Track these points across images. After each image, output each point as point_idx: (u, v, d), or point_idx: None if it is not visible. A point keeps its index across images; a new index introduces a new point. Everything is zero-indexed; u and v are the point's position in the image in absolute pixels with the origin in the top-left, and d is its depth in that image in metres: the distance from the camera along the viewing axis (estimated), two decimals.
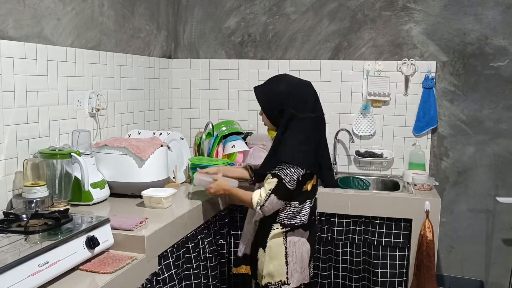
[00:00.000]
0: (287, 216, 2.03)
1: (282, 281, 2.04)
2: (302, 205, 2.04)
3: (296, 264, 2.05)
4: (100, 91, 2.61)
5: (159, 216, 2.06)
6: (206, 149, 3.01)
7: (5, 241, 1.51)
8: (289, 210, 2.02)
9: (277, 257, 2.04)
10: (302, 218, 2.04)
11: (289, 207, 2.02)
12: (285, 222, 2.03)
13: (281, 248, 2.04)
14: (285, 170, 1.93)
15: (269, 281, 2.06)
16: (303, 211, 2.04)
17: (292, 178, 1.93)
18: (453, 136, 3.12)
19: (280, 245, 2.04)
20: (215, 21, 3.41)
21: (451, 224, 3.15)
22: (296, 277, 2.05)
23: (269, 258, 2.05)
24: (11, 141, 2.03)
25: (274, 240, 2.05)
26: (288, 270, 2.03)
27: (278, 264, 2.04)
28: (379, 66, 3.15)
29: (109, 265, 1.64)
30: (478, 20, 2.99)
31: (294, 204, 2.02)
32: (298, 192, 2.00)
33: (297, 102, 1.99)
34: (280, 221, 2.03)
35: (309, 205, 2.06)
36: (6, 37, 2.00)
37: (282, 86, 2.04)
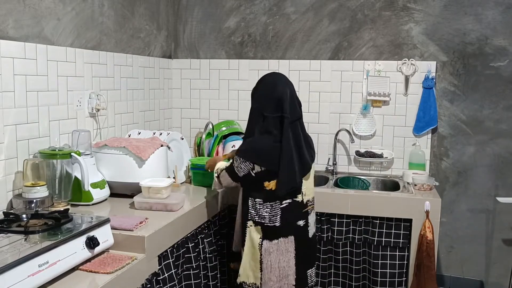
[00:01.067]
0: (256, 214, 2.06)
1: (256, 285, 2.07)
2: (270, 204, 2.03)
3: (271, 273, 2.04)
4: (100, 91, 2.61)
5: (159, 216, 2.06)
6: (206, 149, 3.01)
7: (5, 241, 1.51)
8: (254, 205, 2.06)
9: (254, 260, 2.08)
10: (271, 219, 2.04)
11: (254, 203, 2.06)
12: (256, 219, 2.07)
13: (256, 254, 2.07)
14: (238, 159, 2.04)
15: (244, 280, 2.10)
16: (273, 211, 2.04)
17: (240, 167, 2.03)
18: (453, 136, 3.12)
19: (256, 250, 2.07)
20: (215, 21, 3.41)
21: (451, 224, 3.15)
22: (270, 285, 2.05)
23: (247, 259, 2.09)
24: (11, 141, 2.03)
25: (252, 241, 2.08)
26: (262, 277, 2.06)
27: (254, 266, 2.07)
28: (379, 66, 3.15)
29: (109, 265, 1.64)
30: (478, 20, 2.99)
31: (258, 201, 2.05)
32: (259, 188, 2.04)
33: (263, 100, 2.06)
34: (251, 217, 2.08)
35: (279, 205, 2.03)
36: (6, 37, 2.00)
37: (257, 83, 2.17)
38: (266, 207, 2.04)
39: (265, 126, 2.01)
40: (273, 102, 2.02)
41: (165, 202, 2.15)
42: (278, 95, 2.02)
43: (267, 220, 2.04)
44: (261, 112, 2.03)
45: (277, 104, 2.01)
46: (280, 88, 2.04)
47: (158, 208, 2.15)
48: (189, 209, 2.22)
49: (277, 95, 2.02)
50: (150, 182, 2.20)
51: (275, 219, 2.03)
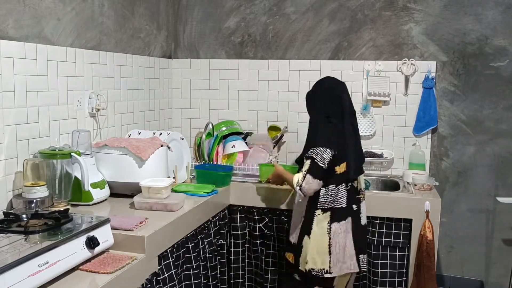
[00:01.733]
0: (326, 201, 2.18)
1: (325, 269, 2.15)
2: (338, 188, 2.18)
3: (339, 254, 2.16)
4: (100, 91, 2.61)
5: (159, 216, 2.06)
6: (206, 149, 3.01)
7: (5, 241, 1.51)
8: (327, 193, 2.18)
9: (321, 246, 2.16)
10: (339, 201, 2.19)
11: (326, 191, 2.18)
12: (325, 207, 2.18)
13: (325, 238, 2.17)
14: (315, 150, 2.14)
15: (312, 267, 2.17)
16: (339, 193, 2.19)
17: (322, 157, 2.12)
18: (453, 136, 3.12)
19: (324, 235, 2.16)
20: (215, 21, 3.41)
21: (451, 224, 3.15)
22: (338, 266, 2.16)
23: (314, 246, 2.16)
24: (11, 141, 2.03)
25: (319, 228, 2.17)
26: (331, 259, 2.15)
27: (322, 252, 2.15)
28: (379, 66, 3.15)
29: (109, 265, 1.64)
30: (478, 20, 2.99)
31: (331, 187, 2.18)
32: (331, 174, 2.16)
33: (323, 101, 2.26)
34: (320, 206, 2.19)
35: (345, 187, 2.20)
36: (6, 37, 2.00)
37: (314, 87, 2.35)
38: (336, 191, 2.19)
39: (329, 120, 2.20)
40: (333, 99, 2.23)
41: (165, 202, 2.15)
42: (337, 92, 2.25)
43: (336, 203, 2.18)
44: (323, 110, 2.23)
45: (337, 101, 2.23)
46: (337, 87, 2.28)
47: (158, 208, 2.15)
48: (189, 209, 2.22)
49: (336, 93, 2.25)
50: (150, 182, 2.20)
51: (342, 200, 2.19)
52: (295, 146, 3.30)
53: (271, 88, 3.34)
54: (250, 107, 3.39)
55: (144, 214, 2.09)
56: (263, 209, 2.74)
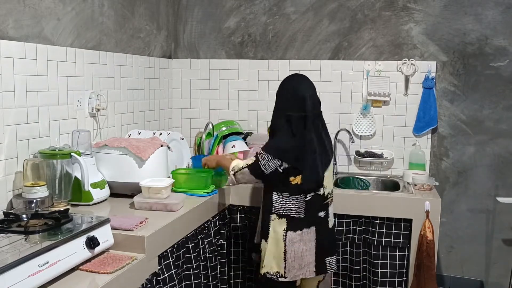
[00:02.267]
0: (281, 207, 2.14)
1: (280, 273, 2.14)
2: (296, 197, 2.13)
3: (294, 261, 2.13)
4: (100, 91, 2.61)
5: (159, 216, 2.06)
6: (206, 149, 3.01)
7: (5, 241, 1.51)
8: (281, 200, 2.14)
9: (277, 251, 2.14)
10: (297, 211, 2.13)
11: (280, 197, 2.14)
12: (280, 212, 2.14)
13: (280, 244, 2.14)
14: (264, 156, 2.11)
15: (267, 271, 2.16)
16: (298, 204, 2.13)
17: (267, 164, 2.09)
18: (453, 136, 3.12)
19: (280, 241, 2.14)
20: (215, 21, 3.41)
21: (451, 224, 3.15)
22: (293, 272, 2.14)
23: (270, 250, 2.15)
24: (11, 141, 2.03)
25: (275, 234, 2.15)
26: (285, 265, 2.13)
27: (277, 257, 2.14)
28: (379, 66, 3.15)
29: (109, 265, 1.64)
30: (478, 20, 2.99)
31: (285, 195, 2.13)
32: (285, 183, 2.12)
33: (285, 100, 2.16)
34: (275, 211, 2.15)
35: (303, 198, 2.13)
36: (6, 37, 2.00)
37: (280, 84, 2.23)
38: (292, 200, 2.13)
39: (289, 126, 2.11)
40: (296, 102, 2.12)
41: (165, 202, 2.15)
42: (300, 95, 2.13)
43: (293, 212, 2.13)
44: (285, 112, 2.12)
45: (299, 104, 2.12)
46: (302, 88, 2.16)
47: (158, 208, 2.15)
48: (189, 209, 2.22)
49: (299, 96, 2.13)
50: (150, 182, 2.20)
51: (300, 211, 2.14)
52: None
53: (271, 88, 3.34)
54: (250, 107, 3.39)
55: (144, 214, 2.09)
56: None
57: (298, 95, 2.13)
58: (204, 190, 2.48)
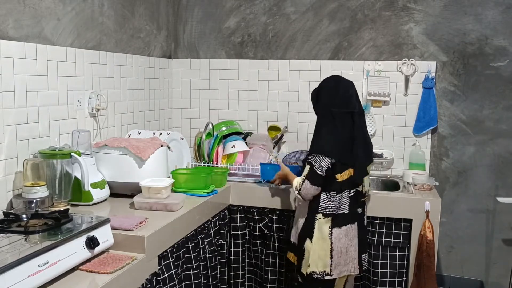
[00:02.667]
0: (328, 206, 2.19)
1: (326, 271, 2.17)
2: (340, 194, 2.19)
3: (340, 257, 2.18)
4: (100, 91, 2.61)
5: (159, 216, 2.06)
6: (206, 149, 3.01)
7: (5, 241, 1.51)
8: (329, 199, 2.19)
9: (323, 249, 2.19)
10: (341, 207, 2.20)
11: (328, 197, 2.19)
12: (327, 212, 2.19)
13: (327, 242, 2.18)
14: (315, 158, 2.15)
15: (313, 270, 2.18)
16: (342, 200, 2.20)
17: (320, 165, 2.13)
18: (453, 136, 3.11)
19: (326, 239, 2.19)
20: (215, 21, 3.41)
21: (451, 224, 3.15)
22: (339, 269, 2.20)
23: (316, 250, 2.18)
24: (11, 141, 2.03)
25: (321, 233, 2.18)
26: (332, 263, 2.17)
27: (323, 255, 2.17)
28: (379, 66, 3.15)
29: (109, 265, 1.64)
30: (478, 20, 2.99)
31: (332, 194, 2.18)
32: (332, 181, 2.17)
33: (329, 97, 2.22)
34: (322, 210, 2.20)
35: (348, 194, 2.20)
36: (6, 37, 2.00)
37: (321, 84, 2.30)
38: (338, 197, 2.19)
39: (335, 122, 2.17)
40: (341, 99, 2.20)
41: (165, 202, 2.15)
42: (345, 92, 2.22)
43: (338, 209, 2.19)
44: (329, 110, 2.18)
45: (345, 101, 2.20)
46: (345, 86, 2.25)
47: (158, 208, 2.15)
48: (189, 209, 2.22)
49: (344, 93, 2.22)
50: (150, 182, 2.20)
51: (345, 207, 2.20)
52: (295, 146, 3.29)
53: (271, 88, 3.34)
54: (250, 107, 3.39)
55: (144, 214, 2.09)
56: (263, 209, 2.74)
57: (344, 93, 2.21)
58: (204, 190, 2.48)
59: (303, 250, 2.22)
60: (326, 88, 2.27)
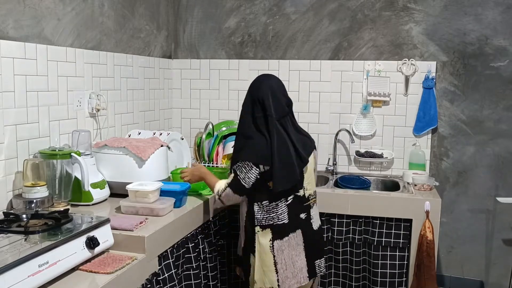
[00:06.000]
0: (264, 217, 2.07)
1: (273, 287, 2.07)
2: (276, 203, 2.06)
3: (286, 270, 2.07)
4: (100, 91, 2.61)
5: (159, 217, 2.06)
6: (206, 149, 3.01)
7: (5, 241, 1.51)
8: (262, 210, 2.07)
9: (267, 265, 2.07)
10: (280, 217, 2.07)
11: (261, 207, 2.07)
12: (263, 223, 2.07)
13: (269, 256, 2.07)
14: (241, 167, 2.02)
15: (260, 286, 2.09)
16: (279, 209, 2.06)
17: (247, 176, 2.01)
18: (453, 136, 3.12)
19: (268, 253, 2.07)
20: (215, 21, 3.41)
21: (451, 224, 3.15)
22: (287, 282, 2.07)
23: (259, 264, 2.08)
24: (11, 141, 2.03)
25: (262, 247, 2.08)
26: (278, 278, 2.06)
27: (268, 270, 2.07)
28: (379, 66, 3.15)
29: (109, 265, 1.64)
30: (478, 20, 2.99)
31: (264, 203, 2.06)
32: (264, 190, 2.04)
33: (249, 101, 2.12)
34: (258, 223, 2.08)
35: (284, 203, 2.06)
36: (6, 37, 2.00)
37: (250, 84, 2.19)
38: (272, 207, 2.06)
39: (257, 126, 2.06)
40: (258, 103, 2.08)
41: (152, 207, 2.06)
42: (260, 96, 2.08)
43: (276, 219, 2.07)
44: (249, 115, 2.09)
45: (261, 105, 2.07)
46: (263, 88, 2.10)
47: (145, 213, 2.06)
48: (189, 209, 2.22)
49: (259, 96, 2.08)
50: (137, 186, 2.12)
51: (283, 216, 2.07)
52: None
53: None
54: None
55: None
56: None
57: (259, 96, 2.07)
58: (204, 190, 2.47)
59: (249, 266, 2.13)
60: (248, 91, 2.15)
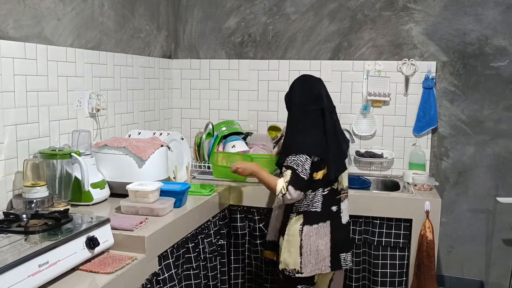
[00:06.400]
0: (302, 205, 2.18)
1: (296, 269, 2.16)
2: (314, 192, 2.17)
3: (310, 256, 2.16)
4: (100, 91, 2.61)
5: (159, 216, 2.06)
6: (206, 149, 3.01)
7: (5, 241, 1.51)
8: (303, 198, 2.16)
9: (293, 247, 2.17)
10: (314, 205, 2.18)
11: (304, 196, 2.16)
12: (300, 210, 2.18)
13: (296, 239, 2.17)
14: (296, 160, 2.10)
15: (284, 267, 2.19)
16: (315, 198, 2.17)
17: (304, 168, 2.10)
18: (453, 136, 3.11)
19: (296, 236, 2.17)
20: (215, 21, 3.41)
21: (451, 224, 3.15)
22: (309, 267, 2.17)
23: (286, 246, 2.18)
24: (11, 141, 2.03)
25: (292, 230, 2.19)
26: (301, 261, 2.16)
27: (294, 252, 2.16)
28: (379, 66, 3.15)
29: (109, 265, 1.64)
30: (478, 20, 2.99)
31: (307, 193, 2.16)
32: (310, 181, 2.13)
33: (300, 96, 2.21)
34: (295, 210, 2.19)
35: (321, 193, 2.18)
36: (6, 37, 2.00)
37: (291, 85, 2.30)
38: (312, 195, 2.17)
39: (307, 120, 2.16)
40: (313, 97, 2.19)
41: (152, 207, 2.07)
42: (316, 90, 2.21)
43: (310, 207, 2.18)
44: (302, 109, 2.18)
45: (316, 99, 2.19)
46: (316, 84, 2.25)
47: (145, 213, 2.07)
48: (189, 209, 2.22)
49: (315, 91, 2.21)
50: (137, 186, 2.12)
51: (317, 205, 2.18)
52: None
53: (271, 88, 3.34)
54: (250, 107, 3.39)
55: None
56: (263, 209, 2.74)
57: (314, 90, 2.21)
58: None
59: (279, 247, 2.24)
60: (296, 88, 2.26)
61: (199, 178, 2.95)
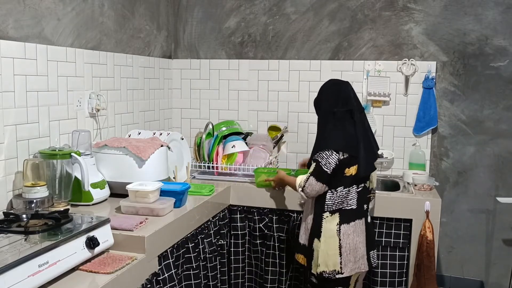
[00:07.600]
0: (334, 203, 2.18)
1: (336, 270, 2.16)
2: (348, 189, 2.18)
3: (349, 254, 2.17)
4: (100, 91, 2.61)
5: (159, 217, 2.06)
6: (206, 150, 3.01)
7: (5, 241, 1.51)
8: (334, 196, 2.18)
9: (331, 248, 2.16)
10: (349, 203, 2.19)
11: (335, 193, 2.18)
12: (333, 208, 2.18)
13: (334, 240, 2.17)
14: (321, 154, 2.14)
15: (323, 269, 2.17)
16: (350, 195, 2.19)
17: (327, 162, 2.12)
18: (453, 136, 3.11)
19: (334, 237, 2.17)
20: (215, 21, 3.41)
21: (451, 224, 3.15)
22: (349, 266, 2.17)
23: (324, 248, 2.17)
24: (11, 141, 2.03)
25: (328, 230, 2.18)
26: (341, 261, 2.16)
27: (332, 254, 2.16)
28: (379, 66, 3.15)
29: (109, 265, 1.64)
30: (478, 20, 2.99)
31: (339, 189, 2.17)
32: (340, 177, 2.16)
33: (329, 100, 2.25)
34: (328, 208, 2.19)
35: (355, 189, 2.20)
36: (6, 37, 2.00)
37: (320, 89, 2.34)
38: (345, 192, 2.18)
39: (337, 121, 2.19)
40: (341, 99, 2.23)
41: (152, 207, 2.07)
42: (344, 93, 2.25)
43: (345, 205, 2.19)
44: (331, 111, 2.21)
45: (344, 101, 2.22)
46: (343, 87, 2.29)
47: (145, 213, 2.07)
48: (189, 209, 2.22)
49: (343, 93, 2.25)
50: (138, 186, 2.12)
51: (352, 202, 2.20)
52: (295, 146, 3.30)
53: (271, 88, 3.34)
54: (250, 107, 3.39)
55: None
56: (263, 209, 2.74)
57: (342, 93, 2.25)
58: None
59: (312, 251, 2.21)
60: (325, 92, 2.30)
61: (199, 178, 2.95)
